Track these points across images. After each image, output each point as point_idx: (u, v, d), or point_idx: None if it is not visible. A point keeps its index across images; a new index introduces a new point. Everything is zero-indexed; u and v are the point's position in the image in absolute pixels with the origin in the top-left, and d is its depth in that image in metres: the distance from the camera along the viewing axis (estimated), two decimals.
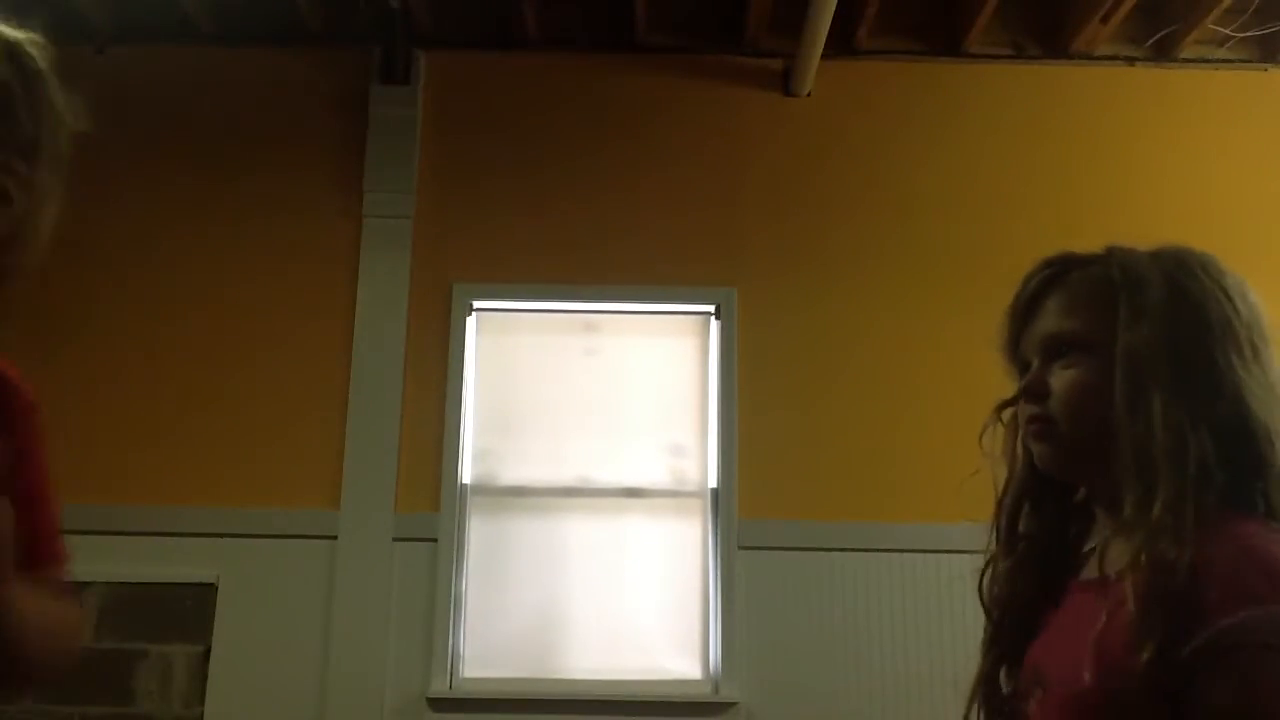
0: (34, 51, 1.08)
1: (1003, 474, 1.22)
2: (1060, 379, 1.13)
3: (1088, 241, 1.24)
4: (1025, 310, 1.19)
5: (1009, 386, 1.46)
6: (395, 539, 4.07)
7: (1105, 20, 4.27)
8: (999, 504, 1.22)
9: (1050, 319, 1.16)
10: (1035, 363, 1.16)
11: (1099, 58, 4.54)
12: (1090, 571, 1.11)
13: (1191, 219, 4.36)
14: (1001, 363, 1.23)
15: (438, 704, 3.95)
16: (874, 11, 4.25)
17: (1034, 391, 1.14)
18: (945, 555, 4.00)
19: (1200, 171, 4.45)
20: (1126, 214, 4.35)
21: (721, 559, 4.08)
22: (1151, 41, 4.48)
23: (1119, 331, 1.09)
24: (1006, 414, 1.22)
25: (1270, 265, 4.42)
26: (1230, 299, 1.10)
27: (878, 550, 4.05)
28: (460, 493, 4.14)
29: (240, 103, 4.50)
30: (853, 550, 4.07)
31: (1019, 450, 1.20)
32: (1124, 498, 1.05)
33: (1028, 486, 1.20)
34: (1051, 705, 1.06)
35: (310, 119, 4.49)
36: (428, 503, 4.11)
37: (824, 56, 4.32)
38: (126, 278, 4.33)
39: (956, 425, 1.47)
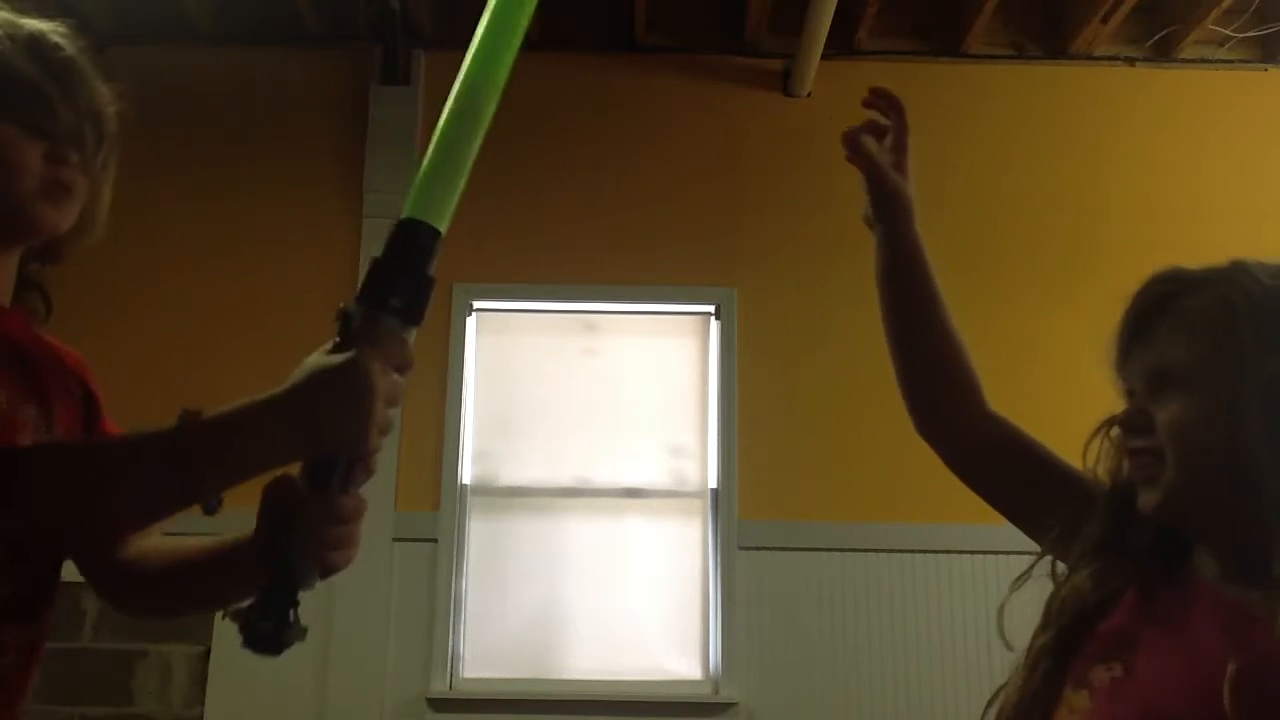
0: (61, 40, 1.08)
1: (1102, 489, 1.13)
2: (1166, 413, 1.03)
3: (1088, 241, 1.23)
4: (1132, 332, 1.09)
5: (1007, 385, 1.46)
6: (395, 539, 4.07)
7: (1105, 20, 4.27)
8: (1092, 520, 1.13)
9: (1157, 348, 1.06)
10: (1140, 392, 1.07)
11: (1099, 58, 4.54)
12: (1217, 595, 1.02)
13: (1191, 219, 4.36)
14: (1113, 380, 1.14)
15: (437, 704, 3.95)
16: (874, 12, 4.25)
17: (1134, 425, 1.06)
18: (946, 555, 4.01)
19: (1200, 172, 4.45)
20: (1126, 214, 4.36)
21: (721, 559, 4.08)
22: (1151, 41, 4.49)
23: (1245, 366, 0.99)
24: (1114, 432, 1.12)
25: None
26: None
27: (878, 550, 4.05)
28: (460, 493, 4.14)
29: (240, 103, 4.50)
30: (853, 550, 4.07)
31: (1120, 470, 1.12)
32: (1271, 555, 0.96)
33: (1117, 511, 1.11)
34: (1131, 699, 1.00)
35: (310, 119, 4.49)
36: (428, 503, 4.11)
37: (824, 57, 4.32)
38: (126, 277, 4.32)
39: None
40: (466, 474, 4.19)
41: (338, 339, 0.99)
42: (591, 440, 4.25)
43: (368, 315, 0.99)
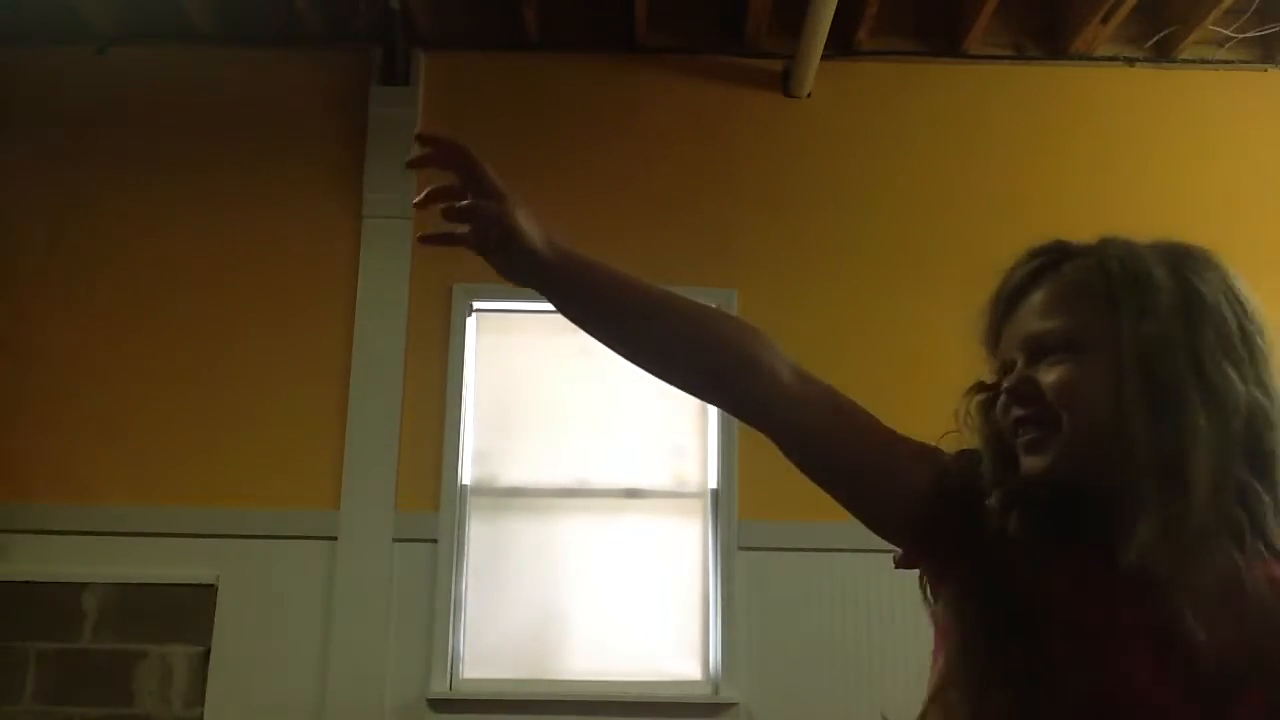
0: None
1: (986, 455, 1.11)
2: (1055, 375, 1.03)
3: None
4: (1009, 303, 1.10)
5: None
6: (395, 539, 4.07)
7: (1105, 21, 4.27)
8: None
9: (1037, 315, 1.06)
10: (1020, 361, 1.07)
11: (1099, 58, 4.54)
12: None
13: (1191, 219, 4.35)
14: (981, 355, 1.15)
15: (437, 704, 3.95)
16: (874, 12, 4.25)
17: (1022, 392, 1.05)
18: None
19: (1200, 172, 4.45)
20: (1126, 214, 4.33)
21: (721, 560, 4.08)
22: (1151, 42, 4.49)
23: (1123, 331, 1.00)
24: (977, 400, 1.12)
25: (1271, 265, 4.43)
26: (1240, 301, 1.03)
27: (878, 550, 3.99)
28: (460, 493, 4.14)
29: (240, 103, 4.50)
30: (853, 550, 4.06)
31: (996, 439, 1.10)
32: (1143, 514, 0.98)
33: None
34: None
35: (310, 119, 4.49)
36: (428, 503, 4.11)
37: (824, 57, 4.32)
38: (126, 277, 4.33)
39: (957, 425, 1.46)
40: (466, 474, 4.19)
41: None
42: (591, 440, 4.25)
43: None
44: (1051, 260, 1.10)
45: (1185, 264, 1.04)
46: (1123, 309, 1.02)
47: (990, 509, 1.07)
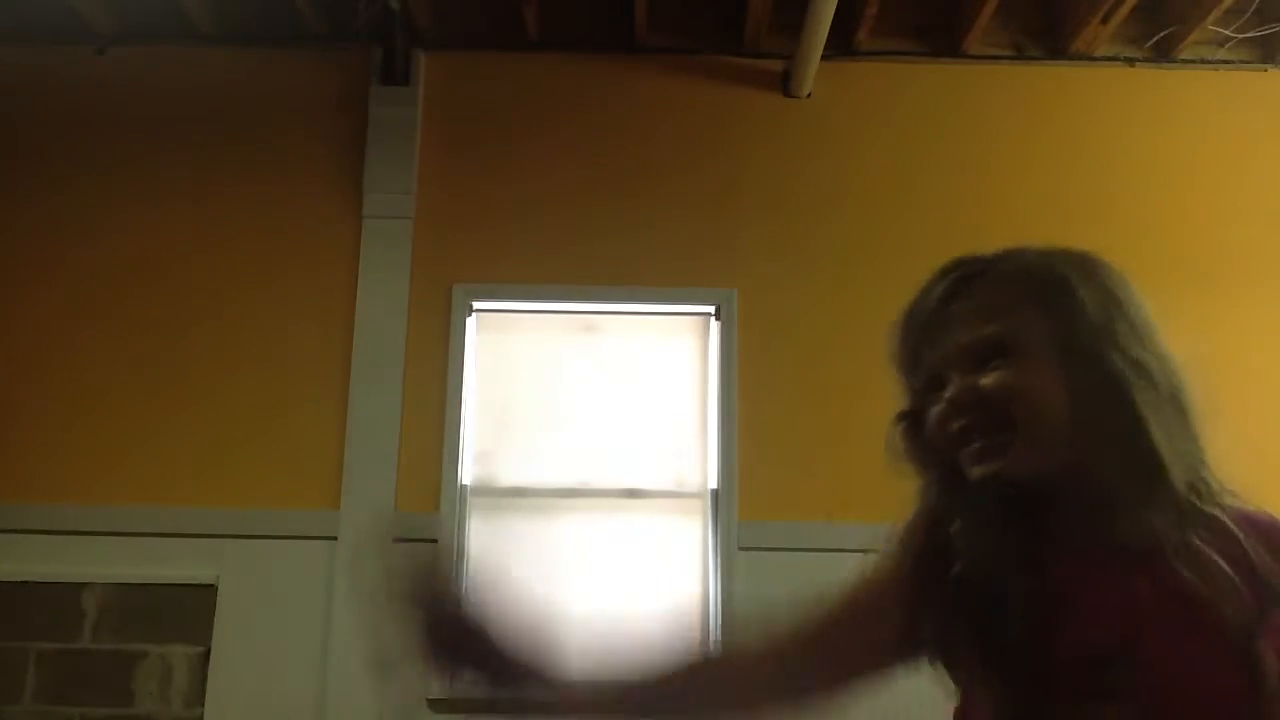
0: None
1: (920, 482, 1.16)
2: (1000, 379, 1.06)
3: (1089, 242, 1.22)
4: (927, 322, 1.13)
5: None
6: (395, 539, 4.05)
7: (1105, 21, 4.27)
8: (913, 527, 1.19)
9: (966, 326, 1.09)
10: (953, 374, 1.09)
11: (1099, 58, 4.54)
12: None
13: (1191, 219, 4.37)
14: (894, 375, 1.17)
15: (438, 704, 3.94)
16: (874, 12, 4.25)
17: (966, 400, 1.07)
18: None
19: (1200, 172, 4.45)
20: (1126, 214, 4.35)
21: (721, 560, 4.08)
22: (1151, 42, 4.48)
23: (1058, 331, 1.06)
24: (902, 427, 1.17)
25: (1271, 265, 4.45)
26: (1129, 290, 1.12)
27: (878, 551, 4.04)
28: (460, 493, 4.14)
29: (241, 103, 4.50)
30: (853, 551, 4.04)
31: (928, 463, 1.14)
32: (1126, 493, 1.03)
33: (945, 506, 1.14)
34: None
35: (310, 119, 4.48)
36: (428, 503, 4.11)
37: (824, 57, 4.32)
38: (125, 277, 4.33)
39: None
40: (466, 474, 4.19)
41: None
42: (591, 440, 4.25)
43: None
44: (963, 276, 1.13)
45: (1087, 266, 1.12)
46: (1053, 311, 1.07)
47: (956, 534, 1.11)
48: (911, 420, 1.16)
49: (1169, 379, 1.08)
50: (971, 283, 1.12)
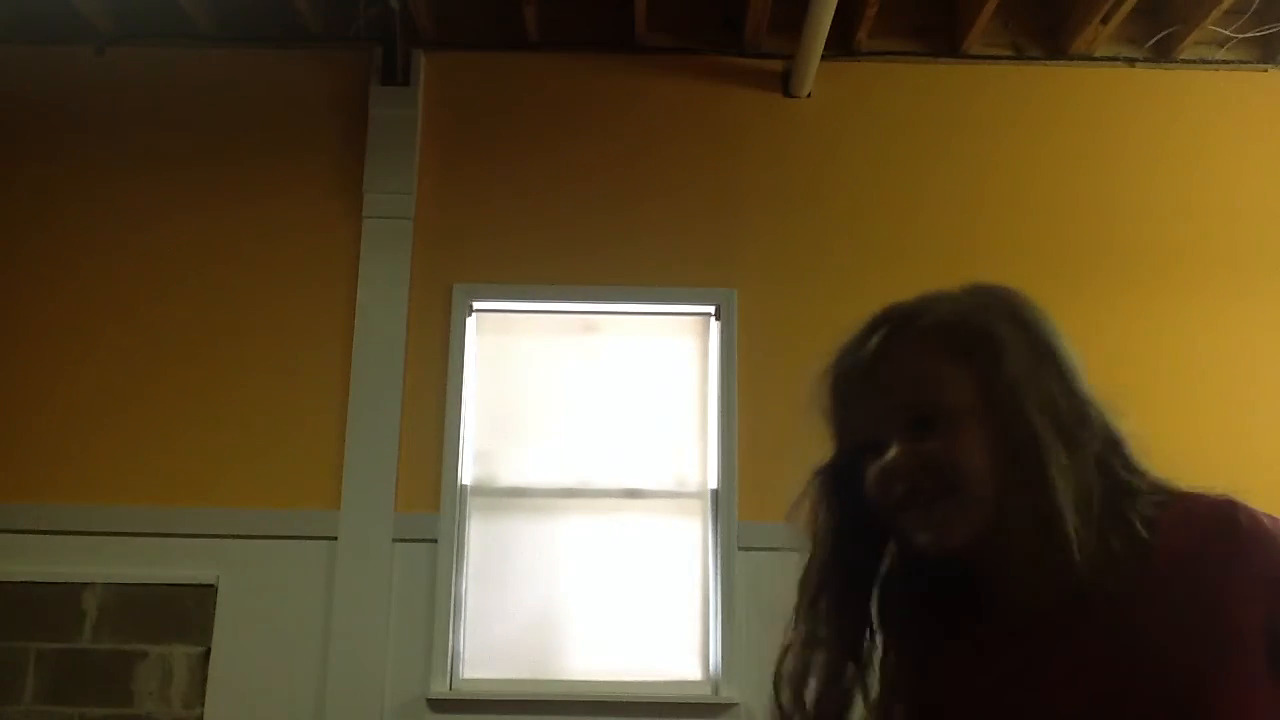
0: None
1: (810, 546, 1.16)
2: (934, 450, 1.04)
3: (1088, 242, 1.22)
4: (859, 380, 1.12)
5: None
6: (395, 539, 4.07)
7: (1105, 21, 4.27)
8: (809, 583, 1.17)
9: (897, 391, 1.08)
10: (891, 439, 1.07)
11: (1099, 58, 4.54)
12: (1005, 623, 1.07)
13: (1191, 220, 4.37)
14: (821, 427, 1.17)
15: (437, 705, 3.95)
16: (874, 12, 4.25)
17: (906, 468, 1.06)
18: None
19: (1200, 172, 4.45)
20: (1126, 214, 4.36)
21: (721, 560, 4.08)
22: (1151, 42, 4.49)
23: (978, 392, 1.05)
24: (821, 483, 1.17)
25: (1270, 265, 4.45)
26: (1053, 330, 1.11)
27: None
28: (460, 493, 4.14)
29: (240, 103, 4.50)
30: None
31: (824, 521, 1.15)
32: (1029, 549, 1.03)
33: (841, 560, 1.14)
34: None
35: (310, 119, 4.48)
36: (428, 503, 4.11)
37: (824, 57, 4.32)
38: (125, 278, 4.33)
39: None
40: (466, 474, 4.19)
41: None
42: (591, 440, 4.25)
43: None
44: (891, 331, 1.11)
45: (1011, 311, 1.10)
46: (978, 369, 1.05)
47: (890, 597, 1.13)
48: (830, 474, 1.17)
49: (1097, 418, 1.06)
50: (900, 338, 1.10)
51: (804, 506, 1.18)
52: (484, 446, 4.26)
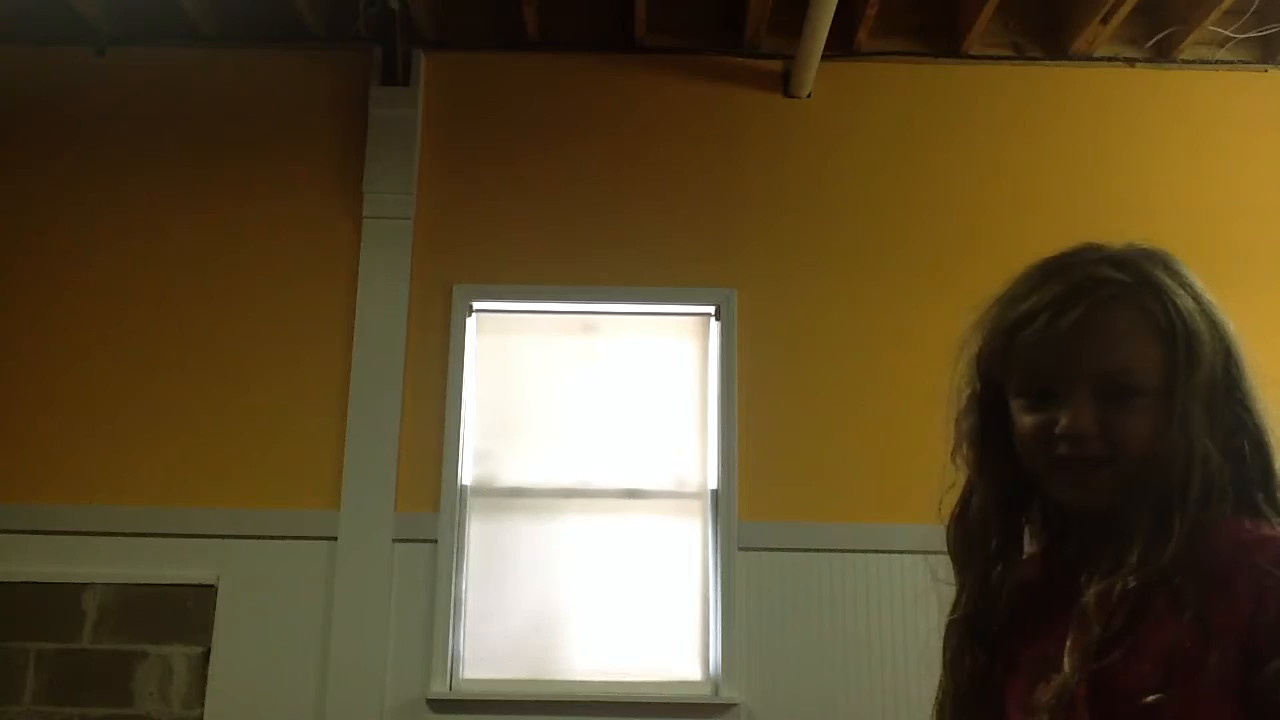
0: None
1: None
2: (1133, 425, 1.07)
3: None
4: (1041, 330, 1.10)
5: None
6: (395, 539, 4.07)
7: (1105, 21, 4.27)
8: (972, 522, 1.28)
9: (1092, 354, 1.08)
10: (1073, 399, 1.08)
11: (1099, 58, 4.54)
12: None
13: (1191, 219, 4.36)
14: (967, 361, 1.20)
15: (437, 705, 3.95)
16: (874, 12, 4.25)
17: (1087, 435, 1.07)
18: (946, 556, 4.00)
19: (1200, 172, 4.45)
20: (1127, 214, 4.35)
21: (721, 560, 4.08)
22: (1151, 42, 4.49)
23: (1166, 379, 1.07)
24: (976, 423, 1.22)
25: (1270, 265, 4.44)
26: (1243, 354, 1.14)
27: (878, 551, 4.05)
28: (460, 493, 4.14)
29: (240, 103, 4.50)
30: (853, 551, 4.07)
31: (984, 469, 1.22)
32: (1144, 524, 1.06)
33: (998, 505, 1.22)
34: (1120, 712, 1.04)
35: (310, 119, 4.49)
36: (428, 503, 4.11)
37: (824, 57, 4.32)
38: (126, 278, 4.33)
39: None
40: (466, 474, 4.19)
41: None
42: (591, 440, 4.25)
43: None
44: (1076, 288, 1.10)
45: (1212, 317, 1.12)
46: (1178, 362, 1.08)
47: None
48: (992, 421, 1.19)
49: (1257, 420, 1.11)
50: (1090, 299, 1.09)
51: (949, 538, 1.29)
52: (484, 446, 4.26)
